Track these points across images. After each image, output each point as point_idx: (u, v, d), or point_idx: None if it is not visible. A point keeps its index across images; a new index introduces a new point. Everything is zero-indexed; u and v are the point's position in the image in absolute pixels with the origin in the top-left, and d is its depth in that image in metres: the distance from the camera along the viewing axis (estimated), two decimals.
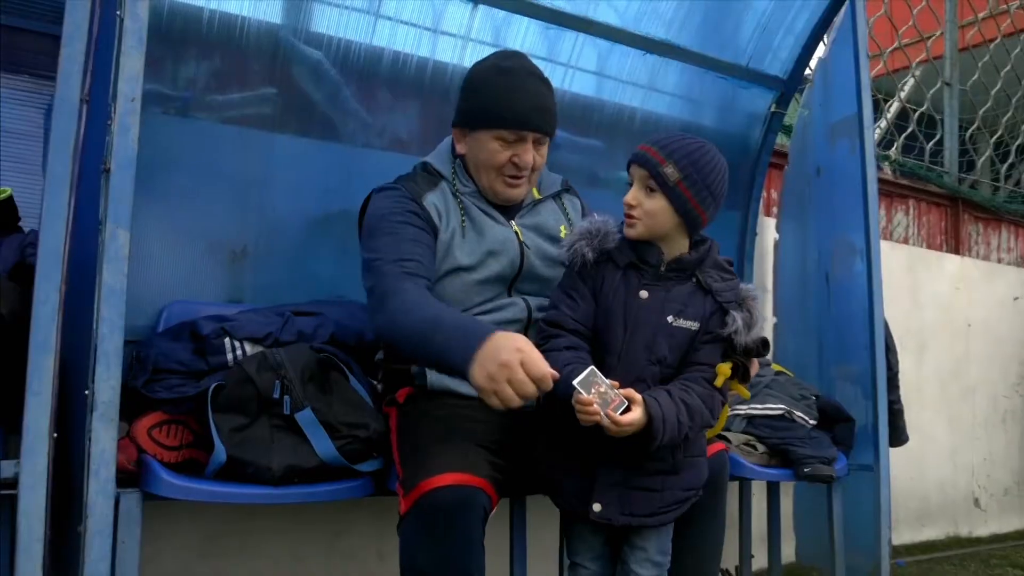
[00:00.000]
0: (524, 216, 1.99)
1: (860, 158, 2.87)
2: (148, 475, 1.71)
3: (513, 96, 1.86)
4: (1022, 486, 4.52)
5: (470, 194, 1.95)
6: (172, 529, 2.20)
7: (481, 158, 1.91)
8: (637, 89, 3.05)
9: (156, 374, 1.87)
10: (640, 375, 1.70)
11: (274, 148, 2.41)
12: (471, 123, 1.91)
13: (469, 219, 1.91)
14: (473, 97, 1.91)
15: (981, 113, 4.69)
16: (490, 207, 1.95)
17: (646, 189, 1.71)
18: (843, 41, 3.02)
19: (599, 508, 1.69)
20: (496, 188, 1.93)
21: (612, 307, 1.73)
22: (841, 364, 3.05)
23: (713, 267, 1.78)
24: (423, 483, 1.60)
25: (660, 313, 1.72)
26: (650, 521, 1.72)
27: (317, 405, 1.85)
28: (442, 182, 1.94)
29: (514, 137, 1.88)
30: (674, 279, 1.74)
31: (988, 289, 4.41)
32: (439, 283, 1.86)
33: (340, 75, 2.49)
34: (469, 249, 1.88)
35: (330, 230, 2.48)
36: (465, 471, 1.62)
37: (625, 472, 1.70)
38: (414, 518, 1.61)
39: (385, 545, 2.54)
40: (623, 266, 1.75)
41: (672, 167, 1.69)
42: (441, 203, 1.90)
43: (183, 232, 2.26)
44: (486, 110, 1.88)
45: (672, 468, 1.73)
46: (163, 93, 2.23)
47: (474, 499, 1.61)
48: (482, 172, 1.92)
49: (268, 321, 2.00)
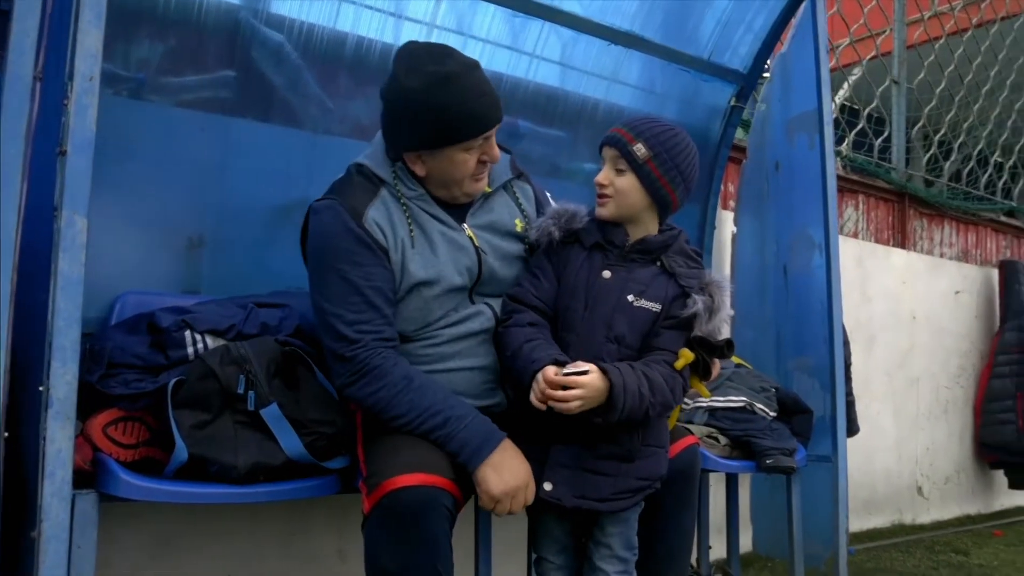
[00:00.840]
0: (476, 214, 1.87)
1: (820, 153, 2.91)
2: (105, 475, 1.62)
3: (470, 102, 1.71)
4: (962, 475, 4.67)
5: (416, 198, 1.80)
6: (122, 532, 2.10)
7: (452, 174, 1.77)
8: (600, 81, 3.03)
9: (112, 368, 1.78)
10: (598, 352, 1.70)
11: (232, 133, 2.32)
12: (433, 144, 1.73)
13: (418, 227, 1.78)
14: (426, 118, 1.70)
15: (927, 111, 4.81)
16: (439, 210, 1.82)
17: (616, 169, 1.74)
18: (802, 37, 3.05)
19: (549, 487, 1.68)
20: (469, 190, 1.83)
21: (575, 286, 1.75)
22: (799, 356, 3.09)
23: (679, 254, 1.80)
24: (386, 482, 1.57)
25: (620, 292, 1.73)
26: (602, 507, 1.70)
27: (283, 400, 1.79)
28: (382, 188, 1.78)
29: (482, 140, 1.76)
30: (638, 261, 1.76)
31: (932, 283, 4.53)
32: (400, 303, 1.76)
33: (302, 59, 2.41)
34: (423, 262, 1.76)
35: (291, 219, 2.38)
36: (428, 471, 1.59)
37: (578, 452, 1.69)
38: (378, 518, 1.58)
39: (346, 544, 2.48)
40: (589, 246, 1.76)
41: (641, 145, 1.72)
42: (384, 217, 1.75)
43: (136, 220, 2.16)
44: (451, 128, 1.71)
45: (627, 454, 1.72)
46: (115, 74, 2.12)
47: (437, 499, 1.58)
48: (452, 184, 1.80)
49: (230, 313, 1.92)
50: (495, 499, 1.64)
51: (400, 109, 1.73)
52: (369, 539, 1.59)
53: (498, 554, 2.04)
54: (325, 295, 1.73)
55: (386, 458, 1.62)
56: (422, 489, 1.55)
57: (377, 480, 1.58)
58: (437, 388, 1.70)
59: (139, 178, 2.17)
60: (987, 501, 4.83)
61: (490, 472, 1.64)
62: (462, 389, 1.78)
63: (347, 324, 1.69)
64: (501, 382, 1.83)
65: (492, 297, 1.86)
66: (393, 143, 1.80)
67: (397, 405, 1.67)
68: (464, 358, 1.80)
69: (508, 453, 1.67)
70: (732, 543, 2.95)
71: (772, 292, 3.22)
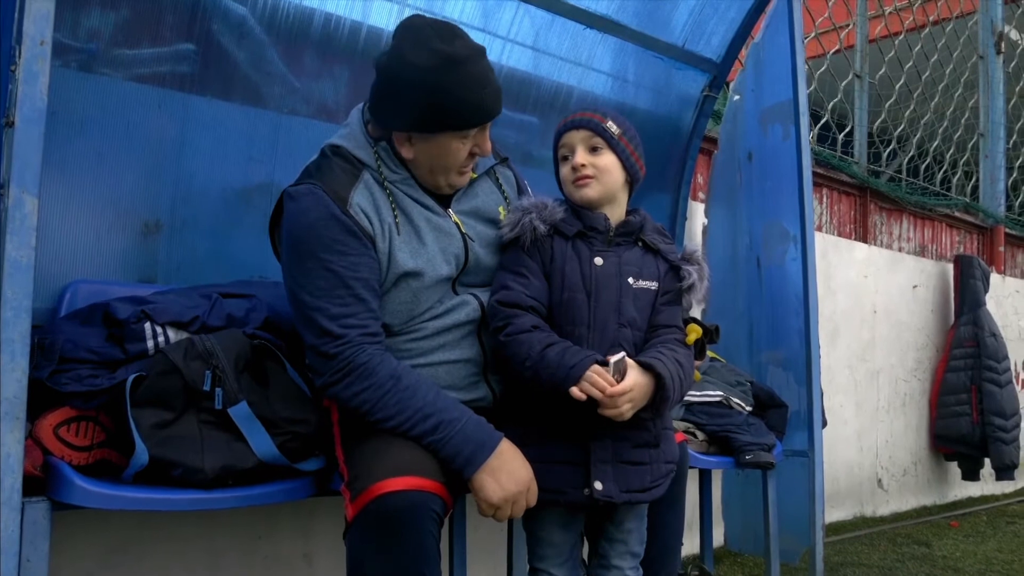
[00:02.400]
0: (461, 200, 1.79)
1: (795, 144, 2.87)
2: (57, 481, 1.48)
3: (475, 90, 1.61)
4: (918, 466, 4.73)
5: (400, 182, 1.70)
6: (72, 540, 1.94)
7: (442, 161, 1.68)
8: (574, 67, 2.95)
9: (63, 363, 1.62)
10: (614, 340, 1.66)
11: (191, 111, 2.16)
12: (429, 128, 1.63)
13: (403, 214, 1.68)
14: (427, 100, 1.59)
15: (887, 106, 4.84)
16: (424, 195, 1.73)
17: (591, 149, 1.72)
18: (777, 26, 3.01)
19: (600, 487, 1.61)
20: (453, 182, 1.73)
21: (570, 278, 1.69)
22: (772, 349, 3.07)
23: (653, 231, 1.78)
24: (373, 487, 1.46)
25: (619, 276, 1.69)
26: (645, 496, 1.67)
27: (253, 398, 1.66)
28: (364, 172, 1.68)
29: (478, 131, 1.68)
30: (623, 244, 1.73)
31: (891, 277, 4.57)
32: (387, 295, 1.66)
33: (266, 35, 2.26)
34: (411, 250, 1.67)
35: (253, 203, 2.27)
36: (417, 473, 1.49)
37: (615, 446, 1.64)
38: (362, 525, 1.47)
39: (313, 547, 2.35)
40: (571, 236, 1.72)
41: (612, 122, 1.74)
42: (368, 202, 1.65)
43: (88, 202, 1.99)
44: (451, 113, 1.61)
45: (655, 440, 1.70)
46: (63, 44, 1.95)
47: (427, 504, 1.48)
48: (439, 172, 1.70)
49: (193, 304, 1.78)
50: (495, 507, 1.55)
51: (399, 85, 1.61)
52: (353, 547, 1.48)
53: (474, 563, 1.95)
54: (307, 287, 1.59)
55: (371, 460, 1.51)
56: (411, 494, 1.45)
57: (362, 484, 1.47)
58: (427, 388, 1.59)
59: (90, 157, 2.00)
60: (942, 492, 4.91)
61: (487, 479, 1.54)
62: (446, 383, 1.68)
63: (331, 319, 1.57)
64: (485, 375, 1.74)
65: (475, 287, 1.76)
66: (383, 119, 1.67)
67: (384, 407, 1.56)
68: (448, 351, 1.70)
69: (506, 456, 1.57)
70: (706, 539, 2.90)
71: (745, 284, 3.19)
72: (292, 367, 1.79)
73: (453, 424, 1.55)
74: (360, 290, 1.59)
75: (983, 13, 5.62)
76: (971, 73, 5.50)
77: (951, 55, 5.27)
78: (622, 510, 1.71)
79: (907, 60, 4.90)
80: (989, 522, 4.39)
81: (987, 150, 5.63)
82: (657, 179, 3.28)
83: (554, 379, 1.57)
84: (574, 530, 1.72)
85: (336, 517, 2.34)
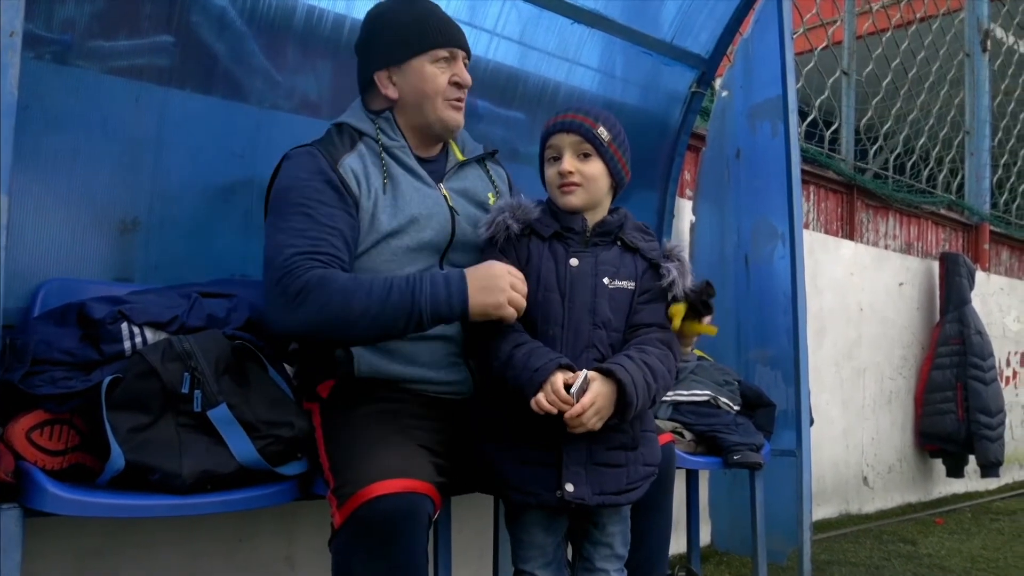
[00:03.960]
0: (451, 179, 1.85)
1: (784, 141, 2.84)
2: (29, 487, 1.43)
3: (432, 18, 1.81)
4: (904, 463, 4.74)
5: (397, 148, 1.79)
6: (45, 545, 1.89)
7: (423, 88, 1.78)
8: (562, 62, 2.91)
9: (36, 365, 1.57)
10: (588, 341, 1.65)
11: (169, 105, 2.10)
12: (399, 56, 1.79)
13: (392, 180, 1.75)
14: (390, 32, 1.80)
15: (874, 104, 4.84)
16: (418, 165, 1.80)
17: (580, 155, 1.71)
18: (766, 22, 2.98)
19: (571, 489, 1.58)
20: (444, 116, 1.81)
21: (545, 278, 1.68)
22: (760, 348, 3.05)
23: (634, 229, 1.77)
24: (361, 491, 1.42)
25: (594, 276, 1.68)
26: (621, 499, 1.65)
27: (233, 401, 1.62)
28: (361, 142, 1.78)
29: (448, 55, 1.80)
30: (600, 244, 1.72)
31: (877, 275, 4.57)
32: (367, 254, 1.70)
33: (247, 27, 2.20)
34: (393, 211, 1.72)
35: (233, 201, 2.22)
36: (408, 476, 1.46)
37: (589, 448, 1.61)
38: (351, 531, 1.43)
39: (296, 550, 2.31)
40: (548, 237, 1.71)
41: (603, 128, 1.71)
42: (359, 166, 1.73)
43: (62, 199, 1.93)
44: (413, 36, 1.78)
45: (632, 442, 1.67)
46: (35, 35, 1.89)
47: (419, 507, 1.45)
48: (427, 104, 1.79)
49: (172, 303, 1.73)
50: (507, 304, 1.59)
51: (369, 29, 1.84)
52: (340, 555, 1.45)
53: (459, 565, 1.91)
54: (282, 229, 1.63)
55: (359, 463, 1.48)
56: (403, 497, 1.42)
57: (351, 489, 1.43)
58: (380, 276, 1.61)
59: (64, 152, 1.94)
60: (927, 489, 4.93)
61: (481, 299, 1.58)
62: (425, 360, 1.70)
63: (298, 251, 1.58)
64: (465, 358, 1.75)
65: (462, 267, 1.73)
66: (365, 67, 1.85)
67: (356, 301, 1.54)
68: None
69: (476, 273, 1.61)
70: (693, 539, 2.88)
71: (733, 281, 3.16)
72: (274, 368, 1.75)
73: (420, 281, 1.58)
74: (332, 237, 1.62)
75: (969, 12, 5.63)
76: (957, 71, 5.51)
77: (937, 52, 5.28)
78: (604, 513, 1.69)
79: (894, 57, 4.90)
80: (974, 519, 4.41)
81: (972, 148, 5.65)
82: (644, 176, 3.26)
83: (519, 381, 1.56)
84: (557, 531, 1.70)
85: (319, 519, 2.30)
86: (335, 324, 1.56)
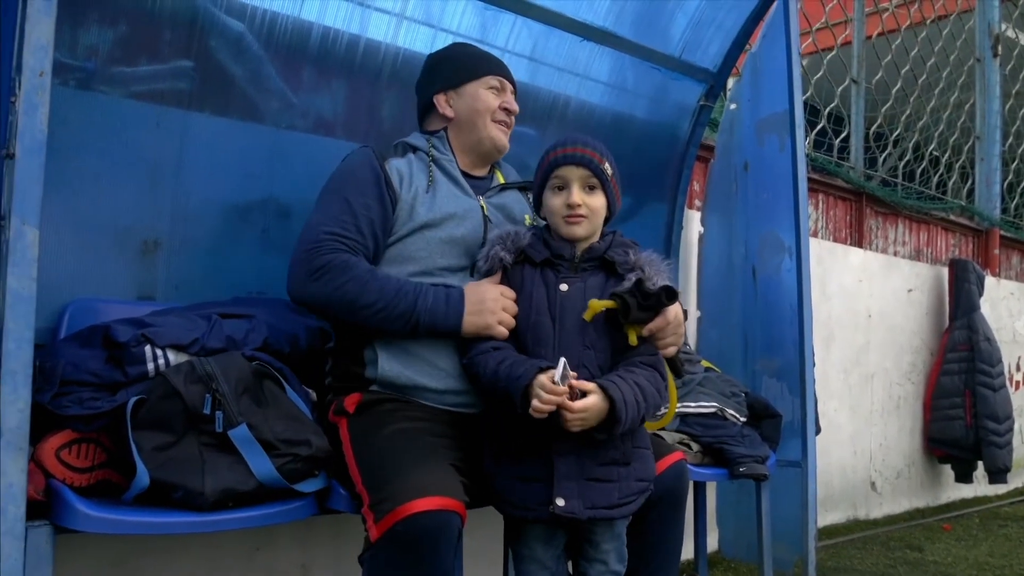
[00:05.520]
0: (491, 197, 2.01)
1: (791, 156, 2.89)
2: (59, 505, 1.50)
3: (484, 55, 2.11)
4: (911, 469, 4.76)
5: (445, 160, 1.98)
6: (69, 553, 1.96)
7: (476, 107, 2.00)
8: (572, 77, 2.96)
9: (64, 386, 1.64)
10: (578, 362, 1.71)
11: (189, 128, 2.17)
12: (457, 81, 2.02)
13: (434, 182, 1.93)
14: (449, 63, 2.06)
15: (883, 111, 4.85)
16: (462, 178, 1.98)
17: (587, 188, 1.79)
18: (774, 37, 3.02)
19: (562, 503, 1.64)
20: (493, 134, 2.00)
21: (538, 303, 1.77)
22: (767, 358, 3.08)
23: (619, 247, 1.83)
24: (401, 507, 1.50)
25: (583, 300, 1.74)
26: (613, 513, 1.70)
27: (253, 420, 1.67)
28: (412, 154, 1.97)
29: (498, 84, 2.04)
30: (589, 270, 1.79)
31: (886, 281, 4.59)
32: (402, 242, 1.86)
33: (264, 50, 2.27)
34: (431, 205, 1.88)
35: (251, 219, 2.28)
36: (444, 494, 1.53)
37: (580, 463, 1.67)
38: (388, 546, 1.50)
39: (310, 559, 2.38)
40: (539, 263, 1.80)
41: (607, 163, 1.81)
42: (406, 168, 1.92)
43: (86, 221, 2.00)
44: (468, 65, 2.04)
45: (623, 458, 1.72)
46: (61, 62, 1.95)
47: (453, 524, 1.53)
48: (479, 121, 1.99)
49: (193, 325, 1.79)
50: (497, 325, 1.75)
51: (430, 64, 2.11)
52: (373, 568, 1.52)
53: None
54: (321, 210, 1.83)
55: (397, 480, 1.55)
56: (440, 514, 1.49)
57: (389, 505, 1.50)
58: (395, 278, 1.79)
59: (88, 176, 2.01)
60: (935, 494, 4.94)
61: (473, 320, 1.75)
62: (444, 366, 1.79)
63: (328, 233, 1.77)
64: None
65: None
66: (425, 94, 2.07)
67: (367, 293, 1.73)
68: None
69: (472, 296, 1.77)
70: (700, 547, 2.93)
71: (740, 293, 3.21)
72: (291, 387, 1.81)
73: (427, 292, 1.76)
74: (364, 225, 1.80)
75: (980, 15, 5.62)
76: (967, 76, 5.51)
77: (948, 57, 5.28)
78: (597, 530, 1.73)
79: (903, 63, 4.91)
80: (981, 525, 4.43)
81: (983, 153, 5.65)
82: (654, 187, 3.30)
83: (507, 391, 1.64)
84: (556, 545, 1.75)
85: (334, 529, 2.37)
86: (341, 306, 1.75)
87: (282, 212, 2.31)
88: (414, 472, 1.56)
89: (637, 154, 3.16)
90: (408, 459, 1.60)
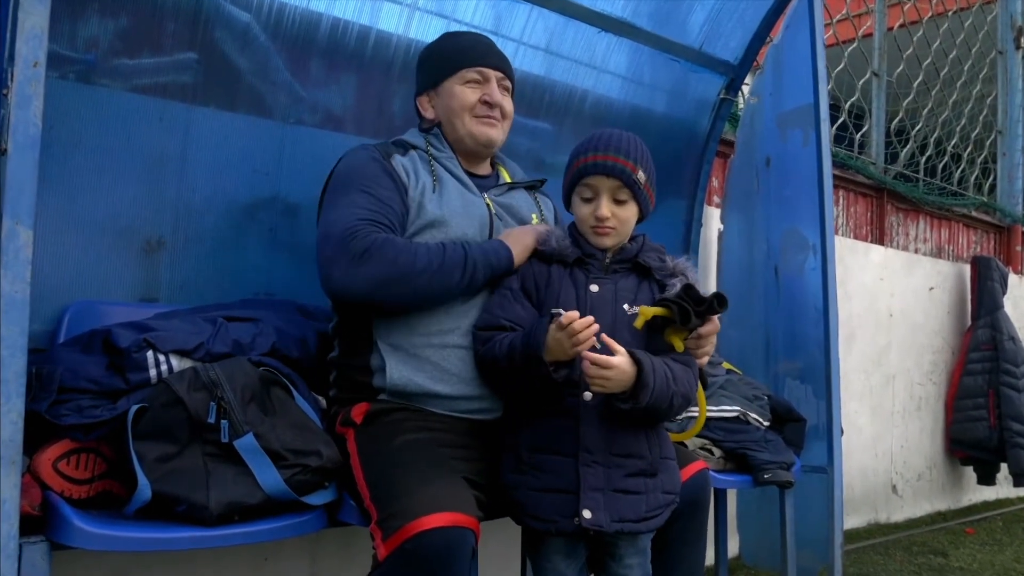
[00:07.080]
0: (497, 195, 1.93)
1: (816, 151, 2.79)
2: (57, 520, 1.42)
3: (467, 45, 1.95)
4: (933, 471, 4.66)
5: (445, 158, 1.90)
6: (71, 564, 1.89)
7: (453, 105, 1.89)
8: (589, 70, 2.87)
9: (62, 394, 1.56)
10: None
11: (194, 122, 2.09)
12: (435, 80, 1.93)
13: (439, 180, 1.85)
14: (429, 61, 1.97)
15: (905, 104, 4.74)
16: (464, 173, 1.90)
17: (616, 200, 1.71)
18: (797, 27, 2.92)
19: (589, 515, 1.57)
20: (473, 130, 1.89)
21: (566, 302, 1.69)
22: (789, 360, 2.99)
23: (650, 251, 1.78)
24: (410, 524, 1.41)
25: (614, 303, 1.69)
26: (640, 527, 1.63)
27: (260, 430, 1.59)
28: (411, 151, 1.89)
29: (478, 76, 1.90)
30: (620, 271, 1.74)
31: (907, 279, 4.48)
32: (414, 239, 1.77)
33: (271, 42, 2.19)
34: (439, 202, 1.81)
35: (258, 218, 2.20)
36: (455, 509, 1.45)
37: (607, 473, 1.60)
38: (399, 563, 1.42)
39: (319, 568, 2.30)
40: (570, 263, 1.73)
41: (641, 171, 1.71)
42: (409, 165, 1.84)
43: (87, 220, 1.93)
44: (445, 61, 1.92)
45: (651, 468, 1.65)
46: (59, 54, 1.88)
47: (466, 541, 1.44)
48: (456, 120, 1.89)
49: (197, 329, 1.71)
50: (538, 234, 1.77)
51: (418, 63, 2.01)
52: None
53: None
54: (342, 204, 1.72)
55: (406, 495, 1.46)
56: (452, 531, 1.41)
57: (399, 522, 1.42)
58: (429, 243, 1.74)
59: (89, 172, 1.94)
60: (957, 497, 4.84)
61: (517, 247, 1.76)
62: (456, 371, 1.71)
63: (361, 219, 1.68)
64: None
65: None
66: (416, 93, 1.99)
67: (419, 258, 1.66)
68: (463, 335, 1.72)
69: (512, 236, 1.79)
70: (720, 553, 2.84)
71: (762, 292, 3.11)
72: (300, 395, 1.73)
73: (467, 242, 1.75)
74: (390, 213, 1.73)
75: (1002, 8, 5.50)
76: (989, 69, 5.39)
77: (969, 51, 5.16)
78: (621, 544, 1.66)
79: (925, 56, 4.80)
80: (1005, 528, 4.33)
81: (1005, 147, 5.53)
82: (673, 184, 3.21)
83: (526, 354, 1.58)
84: (578, 558, 1.68)
85: (343, 540, 2.29)
86: (398, 279, 1.64)
87: (290, 210, 2.23)
88: (424, 486, 1.48)
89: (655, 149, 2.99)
90: (417, 472, 1.52)
